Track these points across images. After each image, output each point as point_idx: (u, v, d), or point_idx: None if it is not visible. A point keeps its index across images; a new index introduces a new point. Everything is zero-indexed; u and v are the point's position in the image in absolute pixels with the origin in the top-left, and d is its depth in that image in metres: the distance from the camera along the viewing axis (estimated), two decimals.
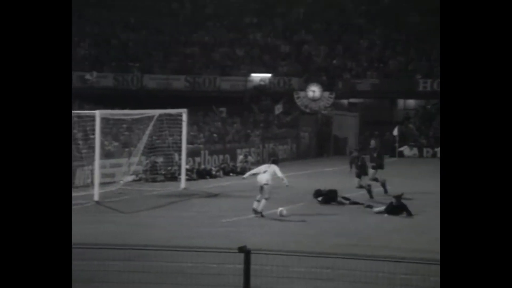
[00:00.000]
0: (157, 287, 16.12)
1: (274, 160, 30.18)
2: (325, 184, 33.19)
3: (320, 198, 31.04)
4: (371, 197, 32.37)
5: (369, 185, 32.90)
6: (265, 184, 27.98)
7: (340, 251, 20.53)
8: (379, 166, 34.35)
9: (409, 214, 28.33)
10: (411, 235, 24.75)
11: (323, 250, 20.29)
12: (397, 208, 28.46)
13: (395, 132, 56.87)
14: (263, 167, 29.26)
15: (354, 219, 27.38)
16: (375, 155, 35.52)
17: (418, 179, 39.58)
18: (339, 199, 30.91)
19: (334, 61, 66.00)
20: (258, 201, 27.91)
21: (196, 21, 68.86)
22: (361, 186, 33.82)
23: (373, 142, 36.93)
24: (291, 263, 17.48)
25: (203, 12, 69.85)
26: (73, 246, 14.77)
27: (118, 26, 68.61)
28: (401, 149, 57.05)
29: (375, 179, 34.00)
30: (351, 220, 27.30)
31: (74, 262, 17.05)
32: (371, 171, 34.55)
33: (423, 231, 25.46)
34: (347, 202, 30.74)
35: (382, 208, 28.74)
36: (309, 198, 31.74)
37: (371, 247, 22.48)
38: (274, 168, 28.69)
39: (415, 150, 58.17)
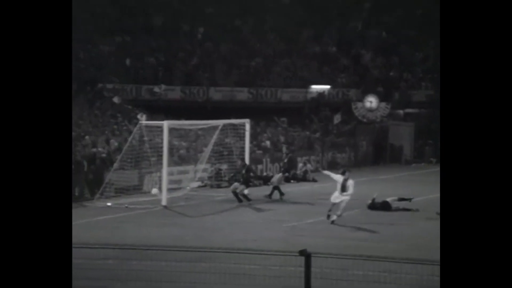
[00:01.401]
0: (220, 287, 16.10)
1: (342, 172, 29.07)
2: (381, 192, 32.95)
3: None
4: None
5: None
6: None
7: (396, 255, 20.32)
8: (286, 171, 36.24)
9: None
10: None
11: (380, 254, 20.09)
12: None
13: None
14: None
15: (409, 225, 27.13)
16: (285, 160, 37.34)
17: None
18: (394, 205, 30.72)
19: (391, 73, 65.55)
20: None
21: (258, 34, 68.97)
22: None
23: (284, 149, 36.82)
24: (349, 266, 17.35)
25: (263, 26, 69.85)
26: (137, 248, 14.72)
27: (184, 38, 68.94)
28: None
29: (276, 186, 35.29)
30: (407, 226, 27.05)
31: (143, 263, 17.17)
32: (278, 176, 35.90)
33: None
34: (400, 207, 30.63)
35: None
36: (365, 205, 31.52)
37: (426, 251, 22.24)
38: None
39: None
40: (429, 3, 68.04)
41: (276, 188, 35.16)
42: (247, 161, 36.70)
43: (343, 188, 27.46)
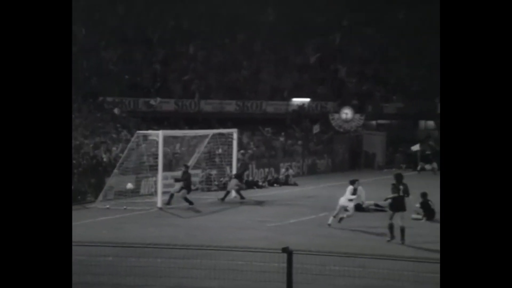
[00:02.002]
0: (211, 282, 16.05)
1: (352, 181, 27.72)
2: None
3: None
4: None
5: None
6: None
7: (370, 252, 20.31)
8: (238, 176, 35.47)
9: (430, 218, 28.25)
10: (433, 237, 24.46)
11: (356, 251, 20.09)
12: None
13: (415, 147, 56.44)
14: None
15: (382, 225, 27.09)
16: (238, 165, 36.60)
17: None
18: (367, 206, 30.64)
19: (364, 87, 65.63)
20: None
21: (246, 49, 68.94)
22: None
23: (239, 155, 36.74)
24: (328, 262, 17.32)
25: (251, 42, 69.73)
26: (135, 245, 14.65)
27: (179, 54, 68.92)
28: (421, 163, 56.61)
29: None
30: (380, 225, 27.03)
31: (141, 260, 17.09)
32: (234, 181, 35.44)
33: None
34: (374, 208, 30.53)
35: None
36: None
37: (399, 248, 22.24)
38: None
39: (435, 165, 57.60)
40: (404, 22, 68.29)
41: (229, 192, 34.88)
42: (234, 167, 36.69)
43: (354, 192, 26.87)
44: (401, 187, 23.82)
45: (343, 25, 70.29)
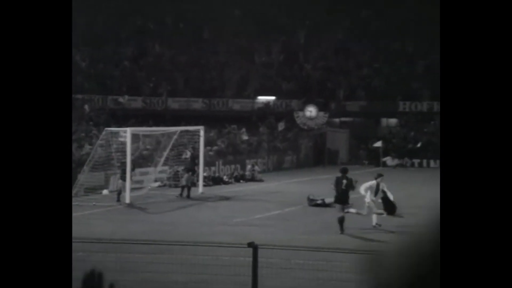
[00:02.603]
0: (178, 276, 16.10)
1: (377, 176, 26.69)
2: (320, 190, 33.13)
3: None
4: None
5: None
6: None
7: (332, 246, 20.48)
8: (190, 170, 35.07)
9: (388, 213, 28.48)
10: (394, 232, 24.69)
11: (318, 245, 20.24)
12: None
13: (377, 144, 56.89)
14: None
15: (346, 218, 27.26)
16: (188, 159, 36.21)
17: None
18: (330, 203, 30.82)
19: (328, 86, 65.88)
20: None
21: (213, 45, 68.80)
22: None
23: (188, 153, 36.67)
24: (291, 256, 17.45)
25: (219, 37, 69.62)
26: (103, 241, 14.67)
27: (146, 53, 68.73)
28: (384, 159, 57.02)
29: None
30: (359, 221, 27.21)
31: (109, 255, 17.07)
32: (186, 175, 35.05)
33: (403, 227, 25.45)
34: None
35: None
36: (306, 202, 31.66)
37: (360, 241, 22.43)
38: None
39: (396, 161, 58.07)
40: (369, 19, 68.59)
41: (185, 187, 34.73)
42: (201, 163, 36.68)
43: (376, 191, 25.90)
44: (344, 181, 24.12)
45: (307, 23, 70.45)
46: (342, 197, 24.22)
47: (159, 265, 16.27)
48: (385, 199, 29.21)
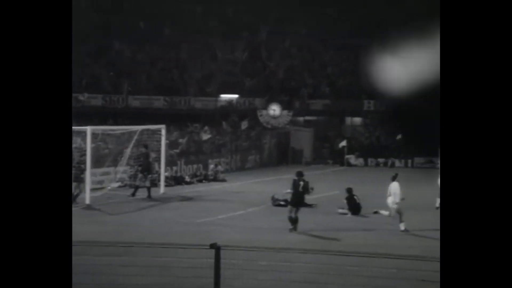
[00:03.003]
0: (140, 279, 16.04)
1: (394, 177, 26.35)
2: (284, 190, 33.23)
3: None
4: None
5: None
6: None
7: (296, 246, 20.56)
8: (142, 171, 34.97)
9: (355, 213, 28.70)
10: (359, 232, 24.84)
11: (282, 245, 20.30)
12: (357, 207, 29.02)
13: (342, 143, 57.22)
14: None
15: (308, 219, 27.41)
16: (141, 158, 35.92)
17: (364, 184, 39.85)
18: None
19: (292, 83, 66.08)
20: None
21: (174, 44, 68.61)
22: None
23: (142, 150, 36.57)
24: (255, 257, 17.49)
25: (179, 35, 69.41)
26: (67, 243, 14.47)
27: (107, 50, 68.34)
28: (347, 157, 57.35)
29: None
30: (306, 220, 27.34)
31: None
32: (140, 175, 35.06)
33: (372, 227, 25.59)
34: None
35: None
36: (270, 201, 31.71)
37: (322, 242, 22.53)
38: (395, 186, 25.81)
39: (361, 160, 58.43)
40: (331, 20, 68.80)
41: (138, 187, 34.63)
42: (163, 163, 36.58)
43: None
44: (301, 183, 24.39)
45: (271, 21, 70.53)
46: (298, 200, 24.50)
47: (120, 267, 16.20)
48: (350, 198, 29.41)
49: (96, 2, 69.80)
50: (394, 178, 25.93)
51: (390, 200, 25.42)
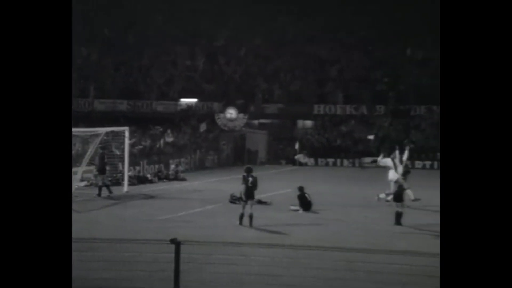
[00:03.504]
0: (103, 273, 15.90)
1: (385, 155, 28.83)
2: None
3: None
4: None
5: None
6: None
7: (251, 241, 20.57)
8: (99, 171, 34.81)
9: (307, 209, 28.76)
10: (310, 227, 24.92)
11: (239, 240, 20.29)
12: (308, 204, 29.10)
13: (296, 145, 57.45)
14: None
15: (262, 216, 27.44)
16: (97, 159, 35.45)
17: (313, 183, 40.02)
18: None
19: (248, 88, 66.09)
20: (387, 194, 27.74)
21: (137, 49, 68.18)
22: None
23: (98, 151, 36.43)
24: (213, 252, 17.46)
25: (141, 42, 69.02)
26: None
27: (74, 55, 67.65)
28: (297, 156, 57.52)
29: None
30: (260, 216, 27.36)
31: None
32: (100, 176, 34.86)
33: (319, 222, 25.69)
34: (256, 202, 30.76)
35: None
36: (227, 198, 31.69)
37: (275, 237, 22.55)
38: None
39: (309, 159, 58.60)
40: (284, 28, 68.93)
41: (102, 186, 34.41)
42: (126, 163, 36.37)
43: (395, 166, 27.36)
44: (250, 178, 24.66)
45: (228, 30, 70.51)
46: (248, 194, 24.80)
47: (85, 263, 16.05)
48: (301, 196, 29.48)
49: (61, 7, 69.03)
50: (384, 157, 27.28)
51: (392, 173, 26.93)
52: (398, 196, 25.56)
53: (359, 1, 67.32)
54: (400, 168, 29.72)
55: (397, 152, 30.34)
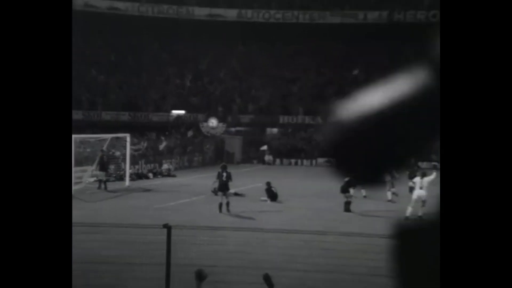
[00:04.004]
0: (108, 251, 15.78)
1: (424, 173, 23.67)
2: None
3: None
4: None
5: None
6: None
7: (228, 225, 20.52)
8: (101, 169, 34.30)
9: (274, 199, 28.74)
10: (275, 214, 24.90)
11: (218, 225, 20.22)
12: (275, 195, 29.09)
13: (263, 147, 57.50)
14: (418, 183, 23.37)
15: (239, 205, 27.36)
16: (99, 161, 34.84)
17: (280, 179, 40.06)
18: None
19: (226, 102, 65.90)
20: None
21: (135, 71, 67.76)
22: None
23: (99, 153, 35.46)
24: (198, 235, 17.38)
25: (140, 64, 68.60)
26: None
27: (89, 62, 67.14)
28: (266, 158, 57.45)
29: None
30: (237, 205, 27.31)
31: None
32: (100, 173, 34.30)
33: (282, 210, 25.66)
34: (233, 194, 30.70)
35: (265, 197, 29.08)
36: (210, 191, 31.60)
37: (251, 223, 22.50)
38: (426, 180, 23.18)
39: (271, 157, 58.51)
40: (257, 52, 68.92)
41: (101, 181, 33.84)
42: (127, 163, 36.14)
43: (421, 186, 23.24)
44: (224, 174, 24.87)
45: (210, 55, 70.39)
46: (223, 186, 24.96)
47: (93, 242, 15.92)
48: (269, 190, 29.45)
49: (76, 38, 68.50)
50: (423, 175, 23.33)
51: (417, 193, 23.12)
52: (344, 189, 25.51)
53: (315, 33, 67.50)
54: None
55: None
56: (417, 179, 23.51)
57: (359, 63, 65.82)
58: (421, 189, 23.04)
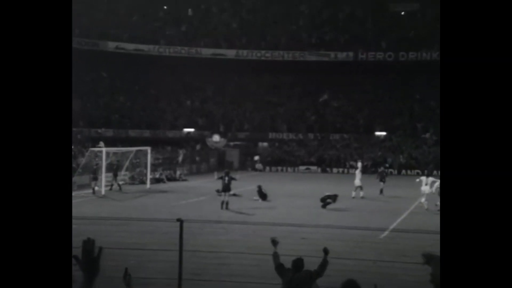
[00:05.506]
0: (132, 239, 15.69)
1: (428, 174, 23.36)
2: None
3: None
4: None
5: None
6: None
7: (229, 219, 20.43)
8: (115, 175, 33.52)
9: (264, 199, 28.65)
10: (266, 210, 24.82)
11: (221, 219, 20.14)
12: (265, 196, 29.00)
13: (256, 157, 57.46)
14: (424, 181, 23.05)
15: (237, 203, 27.25)
16: (108, 164, 33.95)
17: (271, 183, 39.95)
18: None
19: (227, 121, 65.78)
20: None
21: (155, 98, 67.66)
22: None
23: (113, 162, 34.95)
24: (205, 226, 17.31)
25: (158, 93, 68.51)
26: (88, 218, 13.94)
27: (119, 91, 66.94)
28: (256, 166, 57.31)
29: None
30: (235, 203, 27.22)
31: (93, 226, 16.40)
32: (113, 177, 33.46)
33: (271, 207, 25.59)
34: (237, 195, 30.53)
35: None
36: (214, 192, 31.48)
37: (243, 216, 22.41)
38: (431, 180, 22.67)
39: (261, 166, 58.38)
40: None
41: (113, 185, 33.26)
42: (149, 169, 35.90)
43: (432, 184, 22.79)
44: (226, 177, 24.81)
45: (214, 84, 70.33)
46: (226, 188, 24.87)
47: (121, 232, 15.84)
48: (260, 191, 29.34)
49: (109, 72, 68.44)
50: (428, 175, 22.88)
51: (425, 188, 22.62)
52: (324, 200, 25.16)
53: (296, 68, 67.71)
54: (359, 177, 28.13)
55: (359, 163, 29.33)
56: (423, 178, 23.85)
57: (329, 91, 66.38)
58: (426, 186, 22.93)
